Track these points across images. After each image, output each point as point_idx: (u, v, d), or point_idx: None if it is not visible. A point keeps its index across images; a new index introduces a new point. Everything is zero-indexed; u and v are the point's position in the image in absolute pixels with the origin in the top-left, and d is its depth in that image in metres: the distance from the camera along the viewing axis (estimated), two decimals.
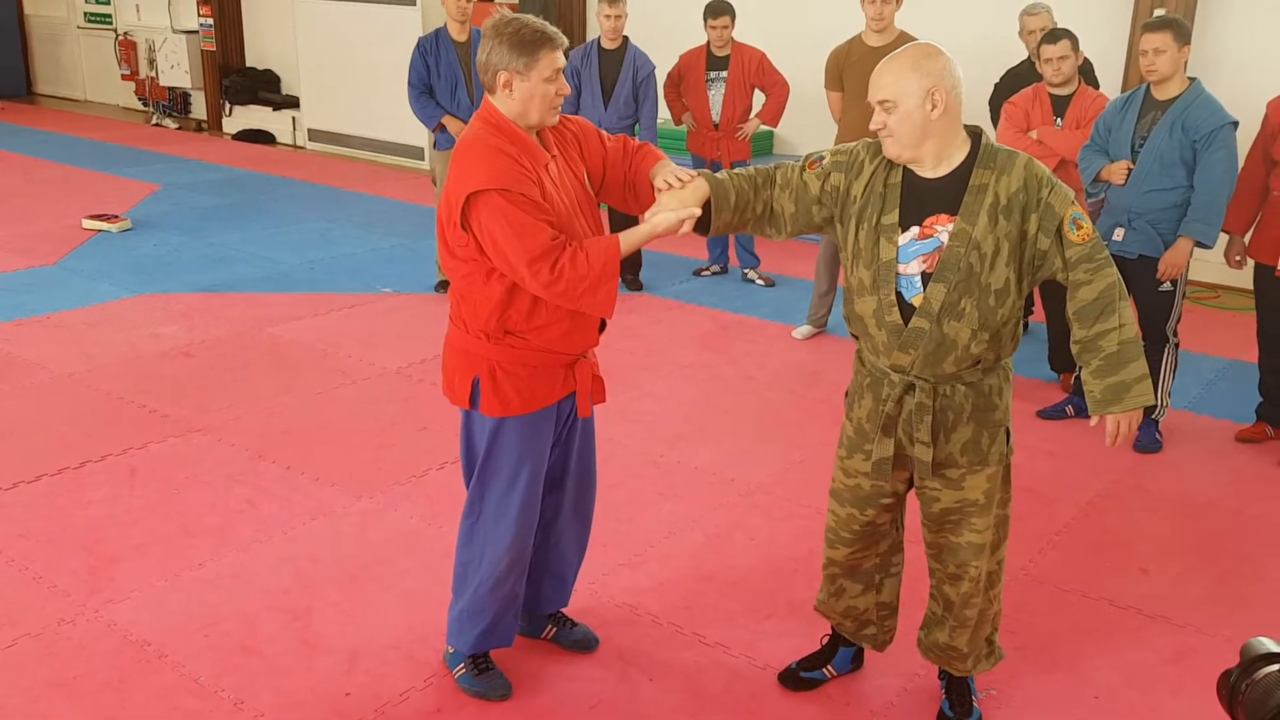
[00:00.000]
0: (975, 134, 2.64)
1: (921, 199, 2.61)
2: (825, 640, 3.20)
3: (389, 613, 3.45)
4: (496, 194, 2.58)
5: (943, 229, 2.58)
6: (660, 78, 6.93)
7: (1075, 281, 2.57)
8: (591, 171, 2.90)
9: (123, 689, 3.06)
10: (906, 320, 2.62)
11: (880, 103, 2.56)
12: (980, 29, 7.35)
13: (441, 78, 6.31)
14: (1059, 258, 2.57)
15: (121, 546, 3.78)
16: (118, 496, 4.13)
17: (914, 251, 2.61)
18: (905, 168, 2.64)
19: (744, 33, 6.93)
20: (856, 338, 2.81)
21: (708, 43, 6.80)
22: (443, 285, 6.69)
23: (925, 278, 2.59)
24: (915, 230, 2.61)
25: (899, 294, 2.62)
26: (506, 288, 2.70)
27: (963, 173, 2.58)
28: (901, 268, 2.62)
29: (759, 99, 6.90)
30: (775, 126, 7.07)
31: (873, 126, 2.61)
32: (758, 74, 6.77)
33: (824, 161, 2.75)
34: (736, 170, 2.80)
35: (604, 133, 2.95)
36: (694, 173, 2.77)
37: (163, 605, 3.45)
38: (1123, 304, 2.58)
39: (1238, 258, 4.83)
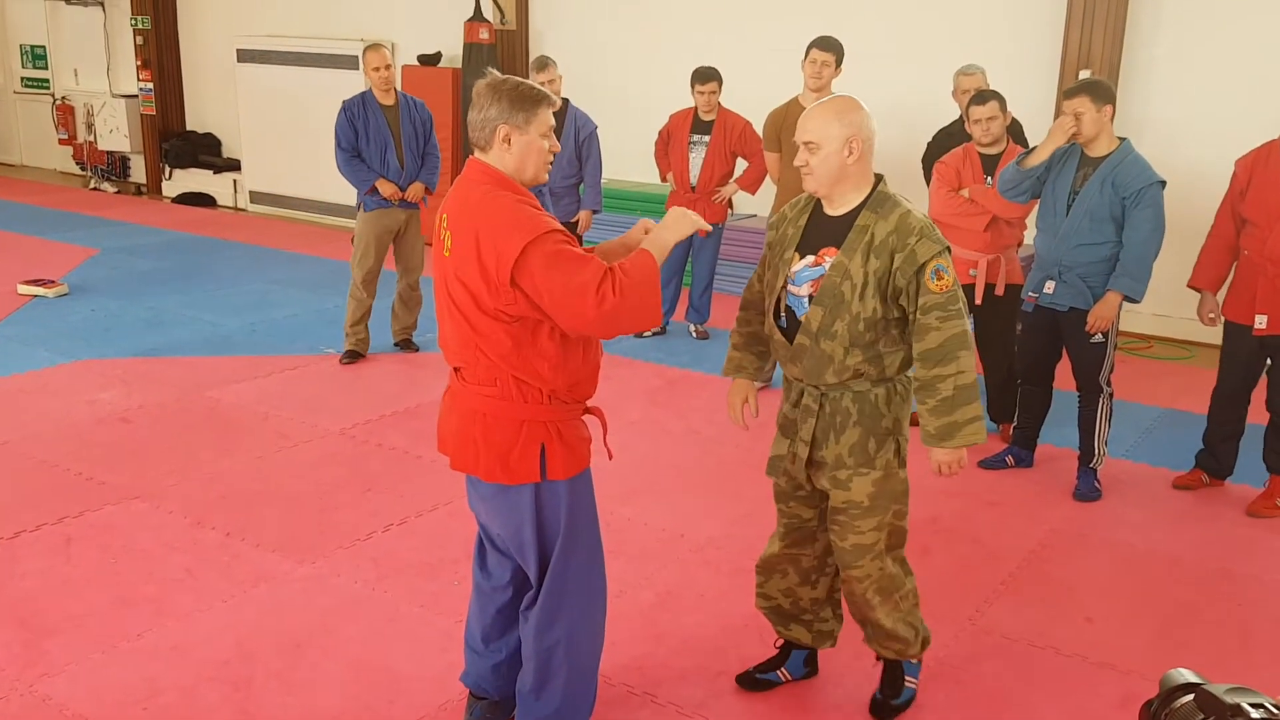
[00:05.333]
0: (876, 180, 2.97)
1: (821, 232, 3.00)
2: (779, 645, 3.43)
3: (332, 682, 3.38)
4: (545, 238, 2.55)
5: (829, 260, 2.95)
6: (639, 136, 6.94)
7: (924, 326, 2.87)
8: None
9: None
10: (791, 338, 3.01)
11: (805, 143, 2.92)
12: (915, 89, 7.56)
13: (370, 141, 6.34)
14: (912, 300, 2.87)
15: (57, 618, 3.68)
16: (53, 567, 4.03)
17: (806, 276, 2.99)
18: (815, 208, 3.03)
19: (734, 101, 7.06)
20: None
21: (695, 106, 6.92)
22: (352, 355, 6.57)
23: (810, 299, 2.97)
24: (810, 258, 2.99)
25: (791, 311, 3.02)
26: (558, 342, 2.66)
27: (854, 214, 2.95)
28: (794, 289, 3.00)
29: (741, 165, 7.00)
30: (753, 194, 7.06)
31: (796, 163, 2.99)
32: (740, 141, 6.86)
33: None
34: (746, 306, 3.22)
35: None
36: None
37: (100, 678, 3.36)
38: (965, 353, 2.87)
39: (1211, 314, 4.84)
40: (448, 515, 4.49)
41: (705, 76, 6.80)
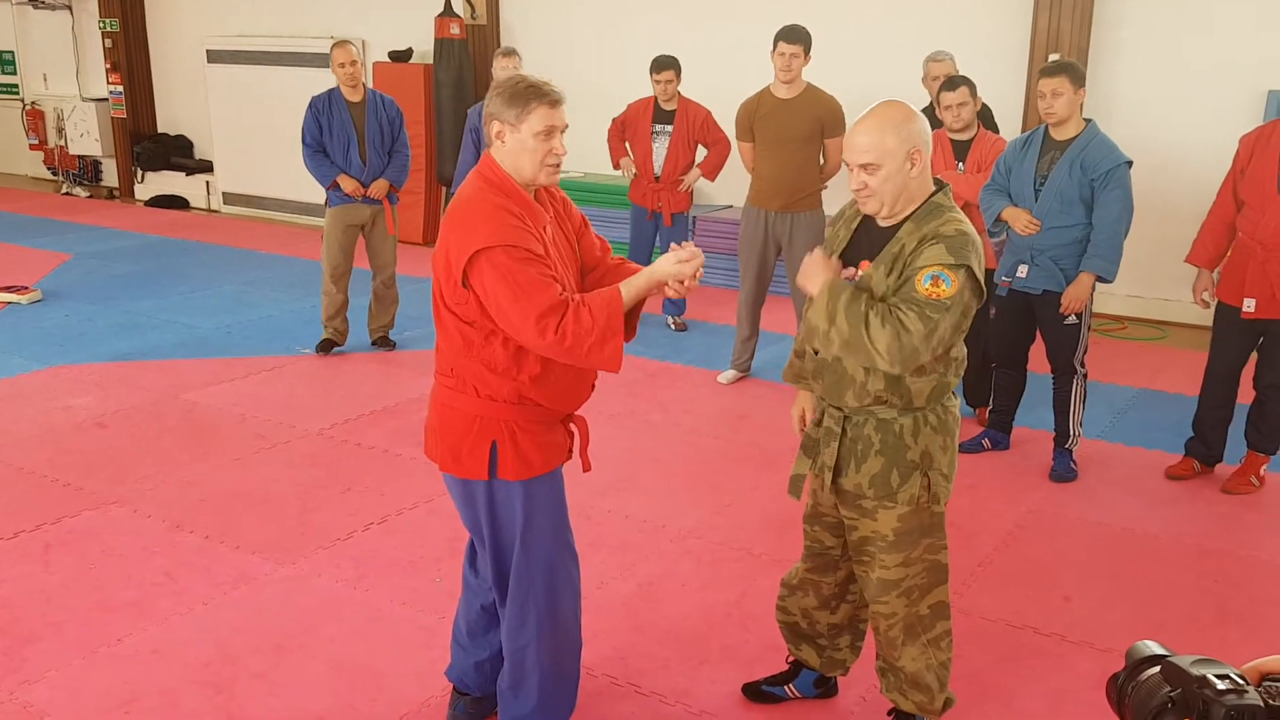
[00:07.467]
0: (935, 190, 2.70)
1: (867, 241, 2.75)
2: (790, 661, 3.27)
3: (314, 681, 3.38)
4: (500, 250, 2.49)
5: (862, 273, 2.70)
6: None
7: (889, 305, 2.57)
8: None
9: None
10: (818, 350, 2.78)
11: (862, 165, 2.62)
12: (885, 75, 7.57)
13: (334, 137, 6.39)
14: (896, 292, 2.60)
15: (36, 625, 3.66)
16: (31, 574, 4.01)
17: None
18: (866, 215, 2.76)
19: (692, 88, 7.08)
20: None
21: (655, 96, 6.94)
22: (325, 345, 6.64)
23: None
24: (852, 270, 2.75)
25: None
26: (511, 352, 2.61)
27: (900, 225, 2.67)
28: None
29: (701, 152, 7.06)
30: (713, 180, 7.18)
31: (852, 186, 2.67)
32: (702, 130, 6.94)
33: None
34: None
35: (586, 219, 2.90)
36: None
37: (80, 684, 3.34)
38: (883, 340, 2.52)
39: (1205, 292, 4.75)
40: (428, 513, 4.49)
41: (662, 65, 6.84)
